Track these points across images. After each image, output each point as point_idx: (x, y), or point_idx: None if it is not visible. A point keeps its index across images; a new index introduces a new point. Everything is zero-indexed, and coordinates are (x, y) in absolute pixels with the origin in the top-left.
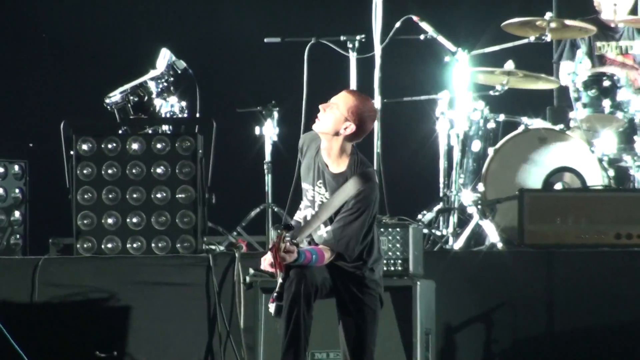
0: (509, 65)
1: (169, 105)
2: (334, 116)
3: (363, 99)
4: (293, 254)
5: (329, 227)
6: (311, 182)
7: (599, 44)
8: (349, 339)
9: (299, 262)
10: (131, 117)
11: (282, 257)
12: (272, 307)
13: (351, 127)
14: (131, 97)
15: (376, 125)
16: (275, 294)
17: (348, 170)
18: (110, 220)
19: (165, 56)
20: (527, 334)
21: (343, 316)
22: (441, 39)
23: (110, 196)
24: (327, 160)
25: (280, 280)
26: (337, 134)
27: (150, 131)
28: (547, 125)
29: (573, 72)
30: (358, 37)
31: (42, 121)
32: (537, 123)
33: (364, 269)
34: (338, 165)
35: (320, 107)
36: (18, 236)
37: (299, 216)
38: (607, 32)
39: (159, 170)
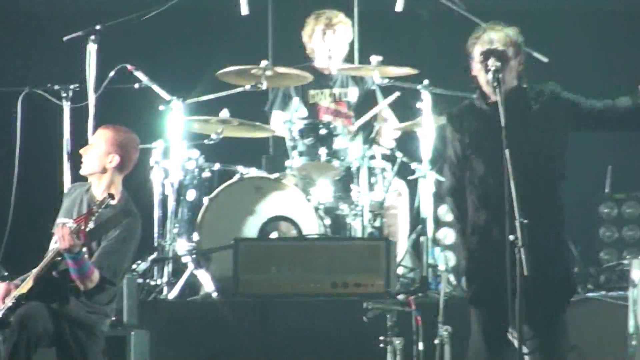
0: (224, 113)
1: None
2: (96, 154)
3: (120, 130)
4: (80, 241)
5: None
6: (75, 215)
7: (312, 92)
8: None
9: (78, 256)
10: None
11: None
12: None
13: (116, 159)
14: None
15: None
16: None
17: (118, 203)
18: None
19: None
20: None
21: None
22: (156, 87)
23: None
24: (99, 196)
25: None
26: (104, 170)
27: None
28: (263, 174)
29: (289, 120)
30: (72, 86)
31: None
32: (252, 172)
33: (97, 315)
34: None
35: (81, 151)
36: None
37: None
38: (321, 80)
39: None
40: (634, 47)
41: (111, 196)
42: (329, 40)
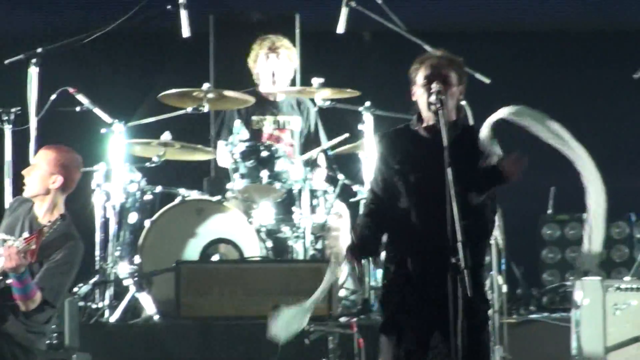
0: (166, 136)
1: None
2: (39, 175)
3: (62, 150)
4: (27, 261)
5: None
6: (17, 233)
7: (255, 118)
8: None
9: (22, 276)
10: None
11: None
12: None
13: (59, 179)
14: None
15: None
16: None
17: (60, 226)
18: None
19: None
20: None
21: None
22: (97, 110)
23: None
24: (41, 219)
25: None
26: (47, 191)
27: None
28: (205, 196)
29: (231, 142)
30: (13, 110)
31: None
32: (194, 194)
33: (35, 335)
34: (50, 219)
35: (23, 172)
36: None
37: None
38: (266, 106)
39: None
40: (574, 68)
41: (63, 217)
42: (272, 63)
